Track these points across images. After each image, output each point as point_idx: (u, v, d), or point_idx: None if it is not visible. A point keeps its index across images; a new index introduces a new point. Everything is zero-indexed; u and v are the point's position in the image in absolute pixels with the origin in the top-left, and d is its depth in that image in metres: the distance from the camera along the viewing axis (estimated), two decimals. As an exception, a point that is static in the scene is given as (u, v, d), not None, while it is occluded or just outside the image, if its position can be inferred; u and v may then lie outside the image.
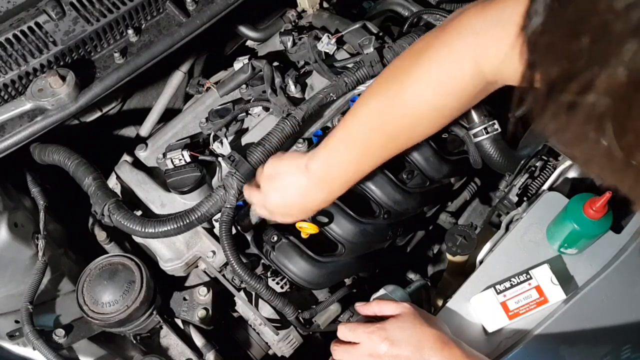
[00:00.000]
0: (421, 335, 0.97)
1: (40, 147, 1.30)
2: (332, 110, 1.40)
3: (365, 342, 1.01)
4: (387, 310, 1.06)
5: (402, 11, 1.64)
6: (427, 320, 1.00)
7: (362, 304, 1.13)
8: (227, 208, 1.22)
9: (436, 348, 0.95)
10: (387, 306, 1.06)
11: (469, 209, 1.53)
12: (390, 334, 0.99)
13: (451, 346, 0.95)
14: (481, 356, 0.97)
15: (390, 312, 1.05)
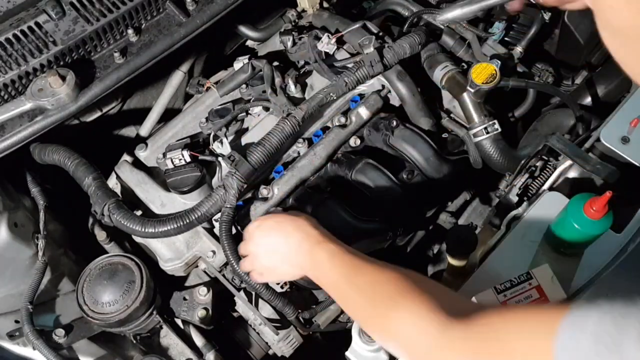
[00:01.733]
0: (286, 226, 1.08)
1: (40, 147, 1.30)
2: (332, 110, 1.40)
3: (244, 249, 1.14)
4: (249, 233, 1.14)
5: (402, 11, 1.64)
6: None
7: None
8: (227, 208, 1.21)
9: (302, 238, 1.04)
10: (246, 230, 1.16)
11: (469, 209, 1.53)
12: (257, 235, 1.11)
13: (318, 239, 1.03)
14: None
15: (252, 229, 1.13)
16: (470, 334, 0.72)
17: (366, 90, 1.42)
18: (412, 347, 0.81)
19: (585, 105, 1.55)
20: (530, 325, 0.64)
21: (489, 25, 1.56)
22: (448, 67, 1.42)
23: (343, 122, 1.36)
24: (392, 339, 0.87)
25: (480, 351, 0.70)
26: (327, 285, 1.01)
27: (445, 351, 0.75)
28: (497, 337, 0.68)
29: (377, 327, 0.90)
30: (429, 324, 0.78)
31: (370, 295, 0.90)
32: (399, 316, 0.83)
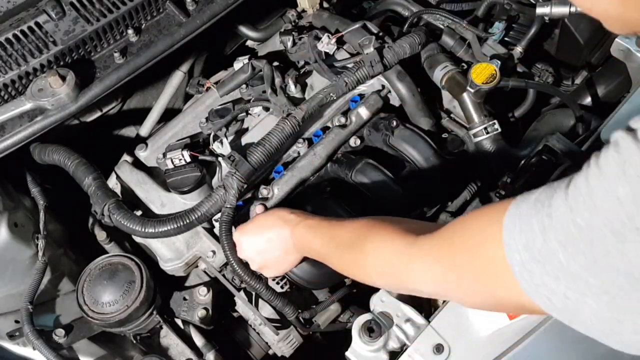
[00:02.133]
0: (265, 222, 1.16)
1: (40, 147, 1.30)
2: (332, 110, 1.40)
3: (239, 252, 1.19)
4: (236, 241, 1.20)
5: (402, 11, 1.64)
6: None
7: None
8: (227, 208, 1.21)
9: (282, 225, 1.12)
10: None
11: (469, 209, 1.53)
12: (243, 241, 1.17)
13: (296, 220, 1.11)
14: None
15: (237, 238, 1.19)
16: (435, 241, 0.82)
17: (366, 90, 1.42)
18: (390, 269, 0.90)
19: (585, 105, 1.55)
20: (481, 221, 0.74)
21: (489, 25, 1.56)
22: (448, 67, 1.42)
23: (343, 122, 1.36)
24: (373, 271, 0.94)
25: (445, 251, 0.80)
26: (317, 254, 1.09)
27: (417, 261, 0.84)
28: (458, 237, 0.78)
29: (361, 268, 0.98)
30: (399, 244, 0.88)
31: (348, 243, 0.99)
32: (373, 247, 0.92)
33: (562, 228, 0.60)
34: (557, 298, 0.62)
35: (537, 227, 0.62)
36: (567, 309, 0.62)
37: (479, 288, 0.75)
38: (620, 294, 0.58)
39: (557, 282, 0.61)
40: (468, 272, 0.75)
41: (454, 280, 0.79)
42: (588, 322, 0.62)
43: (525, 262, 0.63)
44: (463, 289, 0.79)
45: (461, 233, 0.78)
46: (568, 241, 0.59)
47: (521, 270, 0.64)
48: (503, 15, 1.58)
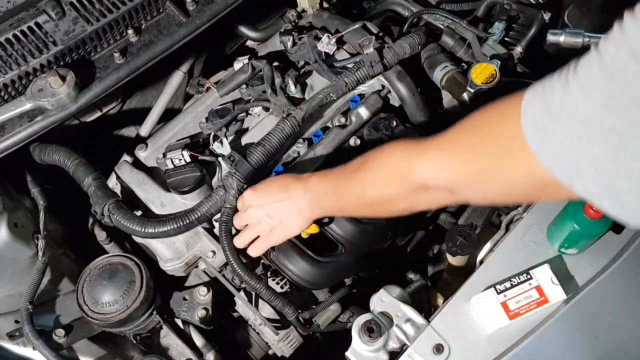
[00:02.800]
0: (280, 181, 1.16)
1: (40, 147, 1.30)
2: (332, 110, 1.40)
3: (245, 218, 1.18)
4: (239, 204, 1.19)
5: (402, 11, 1.64)
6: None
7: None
8: (227, 208, 1.21)
9: (296, 182, 1.12)
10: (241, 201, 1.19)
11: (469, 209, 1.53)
12: (256, 198, 1.15)
13: (301, 177, 1.12)
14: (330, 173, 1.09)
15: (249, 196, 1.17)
16: (448, 133, 0.83)
17: (366, 91, 1.42)
18: (400, 166, 0.91)
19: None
20: (499, 106, 0.75)
21: (489, 25, 1.56)
22: (448, 67, 1.42)
23: (343, 122, 1.36)
24: (383, 176, 0.95)
25: (460, 136, 0.82)
26: (331, 199, 1.09)
27: (428, 151, 0.86)
28: (473, 124, 0.80)
29: (371, 181, 0.98)
30: (410, 143, 0.91)
31: (360, 164, 1.01)
32: (384, 153, 0.95)
33: (585, 73, 0.61)
34: (563, 152, 0.64)
35: (559, 85, 0.64)
36: (570, 162, 0.64)
37: (492, 165, 0.76)
38: (630, 134, 0.58)
39: (569, 130, 0.62)
40: (482, 152, 0.77)
41: (465, 162, 0.80)
42: (589, 179, 0.63)
43: (539, 121, 0.66)
44: (474, 170, 0.79)
45: (478, 121, 0.79)
46: (589, 81, 0.60)
47: (533, 131, 0.67)
48: (503, 15, 1.58)
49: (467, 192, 0.84)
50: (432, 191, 0.88)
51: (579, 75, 0.62)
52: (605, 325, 1.06)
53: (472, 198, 0.88)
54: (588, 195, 0.65)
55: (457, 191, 0.84)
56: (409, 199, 0.94)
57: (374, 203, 1.01)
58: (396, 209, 1.00)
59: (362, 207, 1.06)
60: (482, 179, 0.79)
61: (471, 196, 0.86)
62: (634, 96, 0.57)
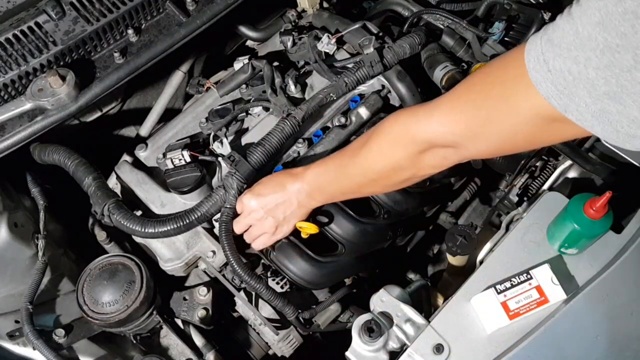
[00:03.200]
0: (275, 179, 1.18)
1: (40, 147, 1.30)
2: (332, 110, 1.40)
3: (248, 221, 1.20)
4: (239, 207, 1.21)
5: (402, 11, 1.64)
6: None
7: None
8: (227, 208, 1.21)
9: (291, 178, 1.15)
10: (237, 207, 1.22)
11: (469, 209, 1.53)
12: (255, 200, 1.18)
13: (294, 171, 1.15)
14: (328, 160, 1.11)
15: (247, 200, 1.19)
16: (453, 90, 0.86)
17: (366, 90, 1.42)
18: (405, 128, 0.93)
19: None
20: (504, 57, 0.79)
21: (489, 25, 1.56)
22: (448, 67, 1.42)
23: (343, 122, 1.36)
24: (388, 144, 0.97)
25: (463, 90, 0.85)
26: (331, 182, 1.11)
27: (435, 109, 0.88)
28: (478, 76, 0.83)
29: (374, 153, 1.00)
30: (414, 107, 0.94)
31: (361, 142, 1.02)
32: (387, 123, 0.97)
33: (586, 3, 0.64)
34: (560, 78, 0.67)
35: (561, 20, 0.68)
36: (567, 87, 0.67)
37: (498, 107, 0.79)
38: (621, 48, 0.61)
39: (568, 55, 0.66)
40: (487, 97, 0.80)
41: (471, 111, 0.82)
42: (583, 105, 0.67)
43: (541, 53, 0.69)
44: (481, 117, 0.81)
45: (483, 72, 0.82)
46: (588, 5, 0.64)
47: (535, 64, 0.70)
48: (503, 15, 1.58)
49: (473, 144, 0.86)
50: (438, 150, 0.90)
51: (581, 4, 0.65)
52: (605, 325, 1.06)
53: (477, 150, 0.89)
54: (581, 122, 0.69)
55: (463, 145, 0.87)
56: (415, 162, 0.96)
57: (382, 175, 1.02)
58: (402, 177, 1.02)
59: (369, 183, 1.07)
60: (488, 124, 0.81)
61: (477, 148, 0.88)
62: (625, 8, 0.60)
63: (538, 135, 0.80)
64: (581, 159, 1.23)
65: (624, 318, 1.07)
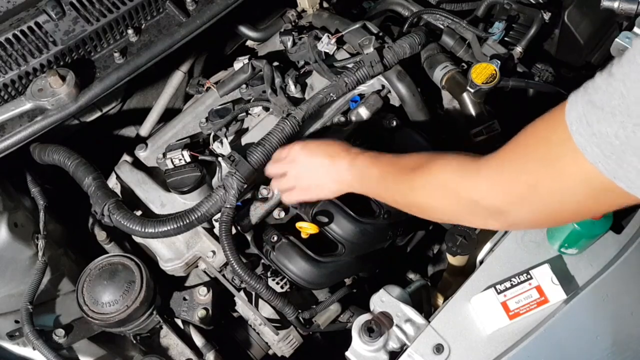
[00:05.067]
0: (330, 147, 1.16)
1: (40, 147, 1.30)
2: (332, 110, 1.40)
3: (286, 167, 1.20)
4: (284, 152, 1.22)
5: (402, 11, 1.64)
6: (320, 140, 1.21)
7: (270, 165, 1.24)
8: (227, 208, 1.21)
9: (345, 154, 1.13)
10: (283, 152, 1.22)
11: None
12: (303, 155, 1.18)
13: (352, 150, 1.13)
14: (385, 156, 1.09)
15: (297, 151, 1.19)
16: (500, 152, 0.83)
17: (366, 90, 1.42)
18: (455, 182, 0.89)
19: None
20: (544, 120, 0.76)
21: (489, 25, 1.56)
22: (448, 67, 1.42)
23: (343, 122, 1.36)
24: (435, 188, 0.94)
25: (511, 154, 0.81)
26: (373, 184, 1.09)
27: (483, 169, 0.85)
28: (522, 140, 0.79)
29: (421, 189, 0.97)
30: (465, 159, 0.90)
31: (412, 167, 0.99)
32: (438, 165, 0.94)
33: (628, 62, 0.63)
34: (606, 143, 0.64)
35: (601, 80, 0.66)
36: (614, 153, 0.64)
37: (543, 173, 0.75)
38: None
39: (612, 120, 0.64)
40: (532, 161, 0.76)
41: (517, 175, 0.79)
42: (633, 171, 0.64)
43: (583, 115, 0.67)
44: (526, 182, 0.78)
45: (527, 133, 0.79)
46: (632, 69, 0.62)
47: (578, 127, 0.67)
48: (503, 15, 1.58)
49: (517, 211, 0.82)
50: (483, 212, 0.86)
51: (622, 65, 0.63)
52: (605, 325, 1.06)
53: (521, 218, 0.84)
54: (632, 189, 0.65)
55: (508, 212, 0.83)
56: (459, 214, 0.93)
57: (417, 208, 1.01)
58: (436, 218, 1.03)
59: (403, 205, 1.05)
60: (533, 191, 0.77)
61: (521, 215, 0.83)
62: None
63: (587, 204, 0.75)
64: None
65: (624, 318, 1.07)
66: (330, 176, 1.15)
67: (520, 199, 0.80)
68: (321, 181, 1.17)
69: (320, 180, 1.17)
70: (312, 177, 1.17)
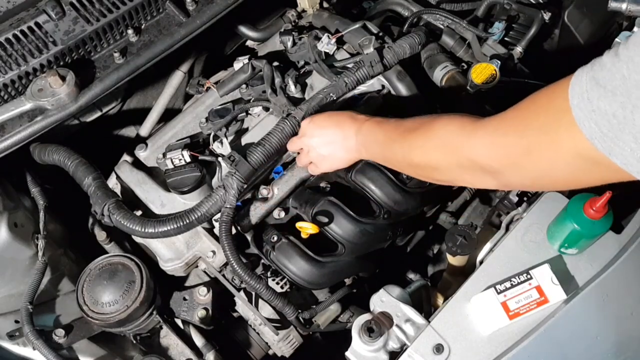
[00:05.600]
0: (337, 117, 1.21)
1: (40, 147, 1.30)
2: (332, 110, 1.40)
3: (299, 144, 1.25)
4: (302, 129, 1.25)
5: (402, 11, 1.64)
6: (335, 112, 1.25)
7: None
8: (227, 208, 1.21)
9: (352, 122, 1.17)
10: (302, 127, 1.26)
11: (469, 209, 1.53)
12: (311, 128, 1.22)
13: (359, 117, 1.17)
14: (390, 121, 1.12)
15: (305, 125, 1.24)
16: (500, 115, 0.86)
17: (366, 90, 1.42)
18: (453, 139, 0.93)
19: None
20: (548, 89, 0.78)
21: (489, 25, 1.56)
22: (448, 67, 1.42)
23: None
24: (435, 146, 0.98)
25: (510, 118, 0.84)
26: (378, 148, 1.13)
27: (481, 130, 0.88)
28: (524, 105, 0.82)
29: (421, 147, 1.01)
30: (466, 120, 0.93)
31: (414, 127, 1.03)
32: (440, 124, 0.97)
33: (635, 44, 0.64)
34: (605, 121, 0.66)
35: (608, 58, 0.67)
36: (611, 131, 0.66)
37: (538, 140, 0.77)
38: None
39: (613, 99, 0.65)
40: (529, 128, 0.79)
41: (513, 140, 0.82)
42: (628, 150, 0.66)
43: (586, 91, 0.68)
44: (521, 147, 0.80)
45: (529, 100, 0.81)
46: (636, 54, 0.63)
47: (579, 102, 0.69)
48: (503, 15, 1.58)
49: (511, 173, 0.86)
50: (478, 170, 0.90)
51: (628, 47, 0.65)
52: (605, 325, 1.06)
53: (515, 180, 0.89)
54: (626, 166, 0.67)
55: (501, 173, 0.86)
56: (454, 172, 0.96)
57: (419, 167, 1.05)
58: (439, 178, 1.05)
59: (406, 166, 1.10)
60: (526, 156, 0.80)
61: (514, 178, 0.87)
62: None
63: (578, 175, 0.78)
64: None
65: (624, 318, 1.07)
66: (340, 146, 1.20)
67: (514, 162, 0.83)
68: (333, 151, 1.21)
69: (332, 151, 1.21)
70: (324, 149, 1.22)
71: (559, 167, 0.78)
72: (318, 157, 1.24)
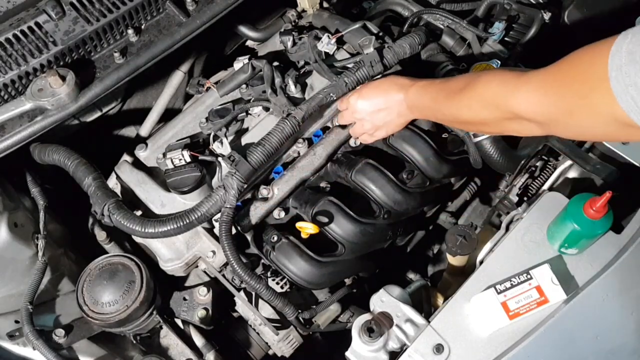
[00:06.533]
0: (383, 86, 1.27)
1: (40, 147, 1.30)
2: (332, 110, 1.40)
3: (351, 118, 1.32)
4: (344, 104, 1.32)
5: (402, 11, 1.64)
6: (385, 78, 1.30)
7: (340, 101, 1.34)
8: (227, 208, 1.21)
9: (398, 89, 1.24)
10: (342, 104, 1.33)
11: (469, 209, 1.53)
12: (361, 102, 1.28)
13: (409, 83, 1.23)
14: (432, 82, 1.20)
15: (354, 100, 1.29)
16: (543, 70, 0.90)
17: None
18: (497, 95, 0.99)
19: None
20: (590, 50, 0.81)
21: (489, 25, 1.56)
22: (448, 67, 1.42)
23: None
24: (479, 103, 1.03)
25: (552, 75, 0.88)
26: (428, 109, 1.21)
27: (524, 86, 0.93)
28: (566, 65, 0.86)
29: (467, 105, 1.07)
30: (508, 76, 0.98)
31: (459, 87, 1.09)
32: (483, 82, 1.03)
33: None
34: None
35: None
36: None
37: (577, 104, 0.83)
38: None
39: None
40: (570, 90, 0.84)
41: (554, 99, 0.87)
42: None
43: (624, 65, 0.73)
44: (562, 107, 0.86)
45: (571, 61, 0.86)
46: None
47: (617, 75, 0.73)
48: (503, 15, 1.58)
49: (554, 128, 0.92)
50: (524, 121, 0.95)
51: None
52: (605, 325, 1.06)
53: (558, 132, 0.95)
54: None
55: (545, 125, 0.93)
56: (501, 124, 1.03)
57: (470, 123, 1.13)
58: (488, 130, 1.18)
59: (457, 124, 1.21)
60: (568, 116, 0.86)
61: (558, 131, 0.94)
62: None
63: (615, 135, 0.90)
64: (581, 159, 1.23)
65: (624, 318, 1.07)
66: (391, 114, 1.27)
67: (557, 119, 0.89)
68: (385, 122, 1.28)
69: (384, 121, 1.28)
70: (377, 119, 1.28)
71: (598, 127, 0.84)
72: (373, 127, 1.30)
